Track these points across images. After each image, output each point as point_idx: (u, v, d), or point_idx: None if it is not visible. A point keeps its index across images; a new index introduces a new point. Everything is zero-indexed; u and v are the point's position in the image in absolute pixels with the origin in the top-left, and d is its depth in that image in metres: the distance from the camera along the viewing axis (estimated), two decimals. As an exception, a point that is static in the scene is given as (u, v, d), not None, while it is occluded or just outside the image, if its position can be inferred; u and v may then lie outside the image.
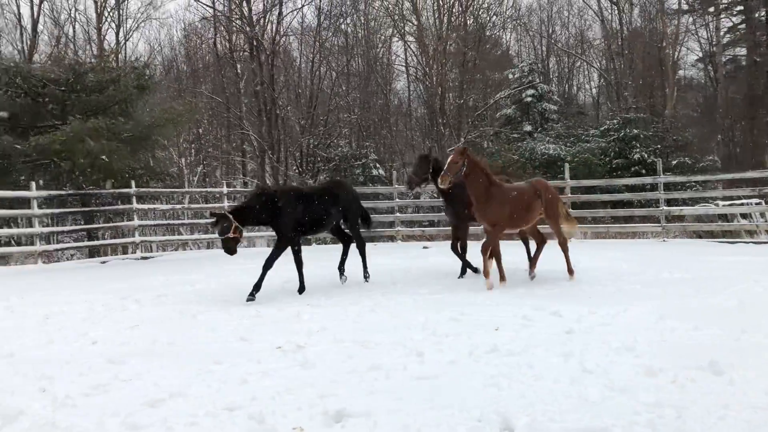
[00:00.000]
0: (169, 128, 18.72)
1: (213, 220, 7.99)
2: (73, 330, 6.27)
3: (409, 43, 33.00)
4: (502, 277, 8.06)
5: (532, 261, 8.84)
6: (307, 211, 8.29)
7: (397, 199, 16.84)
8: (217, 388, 4.16)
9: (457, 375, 4.25)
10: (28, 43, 30.52)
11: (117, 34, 31.54)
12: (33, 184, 13.96)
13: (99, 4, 30.75)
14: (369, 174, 26.01)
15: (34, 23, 30.39)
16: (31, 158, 16.20)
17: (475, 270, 9.29)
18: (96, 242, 16.31)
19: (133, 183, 15.58)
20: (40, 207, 14.07)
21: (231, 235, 7.78)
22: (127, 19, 32.40)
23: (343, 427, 3.45)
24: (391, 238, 17.67)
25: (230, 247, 7.85)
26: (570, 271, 8.49)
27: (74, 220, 18.90)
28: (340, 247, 9.33)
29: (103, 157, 16.08)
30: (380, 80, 32.62)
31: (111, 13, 31.40)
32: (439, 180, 7.99)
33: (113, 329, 6.26)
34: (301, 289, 8.21)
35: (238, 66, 31.01)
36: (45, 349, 5.53)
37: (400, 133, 33.82)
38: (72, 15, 32.32)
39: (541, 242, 8.98)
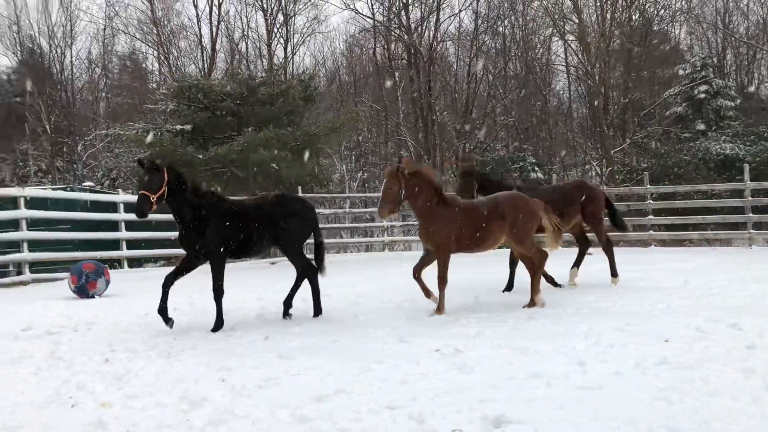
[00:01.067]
0: (333, 137, 19.56)
1: (146, 165, 6.54)
2: (248, 326, 6.75)
3: (569, 42, 31.96)
4: (439, 308, 7.01)
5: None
6: (235, 229, 6.81)
7: (557, 204, 16.36)
8: (379, 386, 4.30)
9: (622, 387, 4.06)
10: (208, 61, 33.27)
11: (285, 48, 33.48)
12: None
13: (269, 21, 32.84)
14: (527, 177, 25.51)
15: (213, 42, 33.08)
16: (209, 167, 17.64)
17: (507, 288, 8.81)
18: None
19: (299, 189, 16.48)
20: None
21: (153, 196, 6.39)
22: (294, 34, 34.27)
23: (503, 433, 3.42)
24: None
25: (143, 209, 6.42)
26: (532, 301, 7.21)
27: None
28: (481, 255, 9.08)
29: (273, 165, 17.15)
30: (539, 81, 31.92)
31: (279, 30, 33.41)
32: (377, 212, 7.24)
33: (282, 326, 6.66)
34: (217, 326, 6.62)
35: (396, 74, 31.75)
36: (223, 342, 6.00)
37: (560, 135, 32.84)
38: (245, 33, 34.76)
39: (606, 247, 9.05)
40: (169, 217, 7.71)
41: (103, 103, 38.23)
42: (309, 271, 7.31)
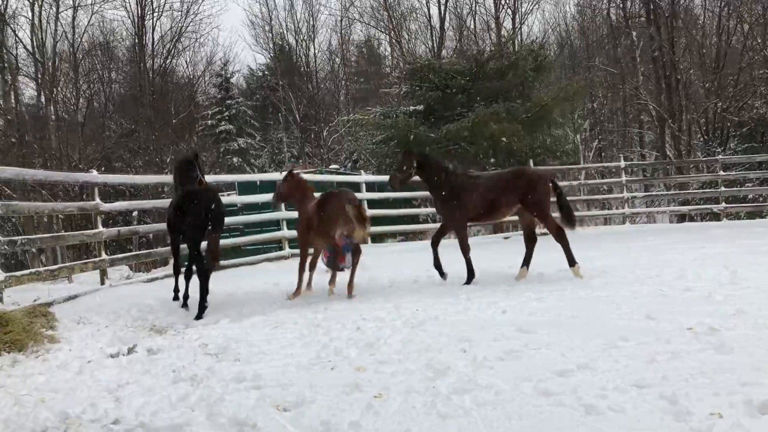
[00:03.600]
0: (565, 106, 18.93)
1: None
2: (484, 299, 6.85)
3: None
4: (297, 291, 8.04)
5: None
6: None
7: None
8: (625, 364, 4.13)
9: None
10: (437, 40, 33.98)
11: (513, 19, 32.94)
12: (445, 168, 15.58)
13: (496, -7, 32.50)
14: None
15: (441, 22, 33.69)
16: (441, 144, 18.09)
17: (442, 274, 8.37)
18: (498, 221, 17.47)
19: (531, 162, 16.24)
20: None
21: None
22: (522, 3, 33.57)
23: (772, 421, 3.11)
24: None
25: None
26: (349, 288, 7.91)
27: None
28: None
29: (504, 139, 17.10)
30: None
31: (507, 1, 32.92)
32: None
33: (520, 300, 6.66)
34: (199, 314, 7.14)
35: (634, 34, 29.68)
36: (462, 315, 6.16)
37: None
38: (473, 9, 34.84)
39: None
40: (406, 195, 8.28)
41: (343, 91, 41.00)
42: (198, 266, 7.38)
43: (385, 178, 9.35)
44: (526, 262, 8.23)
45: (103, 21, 33.56)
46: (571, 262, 8.00)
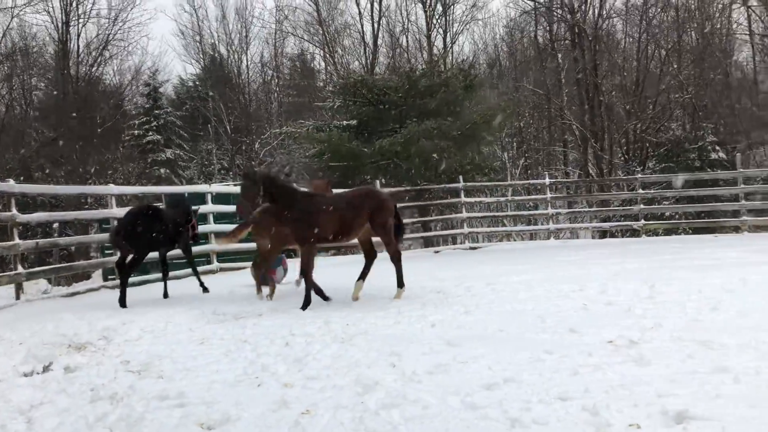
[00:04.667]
0: (494, 125, 19.37)
1: None
2: (414, 313, 6.87)
3: (753, 9, 29.09)
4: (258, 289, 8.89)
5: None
6: None
7: (743, 185, 15.01)
8: (549, 377, 4.22)
9: (827, 387, 3.67)
10: (370, 56, 34.24)
11: (444, 38, 33.61)
12: (377, 183, 15.66)
13: (428, 13, 33.07)
14: (707, 158, 23.64)
15: (375, 38, 34.02)
16: (375, 160, 18.19)
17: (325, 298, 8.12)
18: (429, 233, 17.68)
19: (461, 178, 16.51)
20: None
21: None
22: (453, 23, 34.25)
23: (685, 429, 3.23)
24: (736, 229, 15.86)
25: None
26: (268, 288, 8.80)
27: (411, 214, 20.71)
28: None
29: (435, 155, 17.34)
30: (718, 54, 29.32)
31: (439, 20, 33.55)
32: None
33: (449, 314, 6.72)
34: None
35: (559, 56, 30.73)
36: (392, 329, 6.17)
37: (745, 111, 29.93)
38: (405, 26, 35.33)
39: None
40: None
41: (275, 103, 40.66)
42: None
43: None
44: (363, 275, 8.17)
45: (24, 25, 32.23)
46: (400, 284, 8.10)
